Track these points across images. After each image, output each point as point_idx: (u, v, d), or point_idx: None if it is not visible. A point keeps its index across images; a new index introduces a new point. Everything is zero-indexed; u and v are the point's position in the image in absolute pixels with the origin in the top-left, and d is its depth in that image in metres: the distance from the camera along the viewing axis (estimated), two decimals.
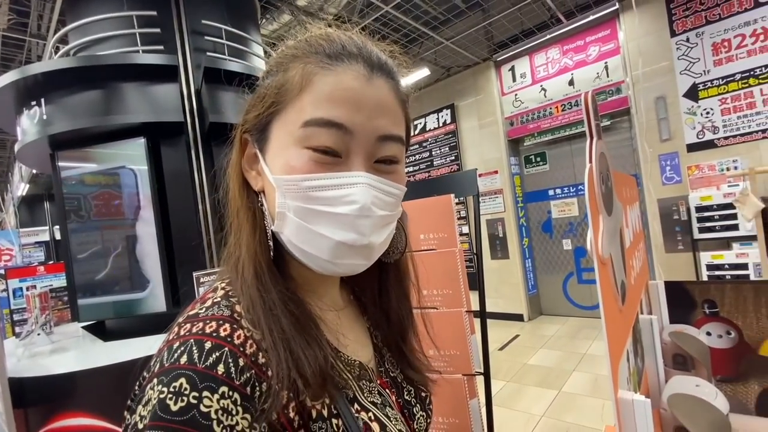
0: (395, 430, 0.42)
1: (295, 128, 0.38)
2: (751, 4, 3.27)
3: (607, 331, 0.44)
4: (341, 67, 0.39)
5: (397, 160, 0.42)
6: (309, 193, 0.38)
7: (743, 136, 3.35)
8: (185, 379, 0.31)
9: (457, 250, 1.18)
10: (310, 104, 0.38)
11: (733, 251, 3.15)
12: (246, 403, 0.32)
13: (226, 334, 0.34)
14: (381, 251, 0.43)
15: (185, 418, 0.30)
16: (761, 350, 0.85)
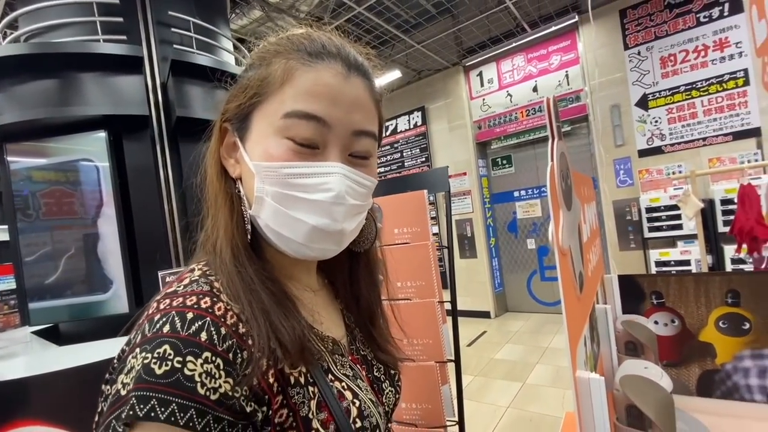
0: (366, 399, 0.44)
1: (275, 119, 0.40)
2: (693, 23, 3.56)
3: (567, 315, 0.48)
4: (321, 65, 0.41)
5: (369, 154, 0.45)
6: (287, 180, 0.40)
7: (686, 144, 3.65)
8: (169, 346, 0.32)
9: (429, 243, 1.23)
10: (291, 97, 0.40)
11: (678, 249, 3.42)
12: (228, 368, 0.33)
13: (207, 306, 0.36)
14: (351, 238, 0.46)
15: (170, 380, 0.31)
16: (701, 336, 0.94)
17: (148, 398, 0.30)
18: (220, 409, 0.32)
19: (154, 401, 0.30)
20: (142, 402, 0.30)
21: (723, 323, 0.91)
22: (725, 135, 3.48)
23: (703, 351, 0.93)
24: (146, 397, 0.30)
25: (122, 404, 0.31)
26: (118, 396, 0.32)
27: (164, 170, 1.45)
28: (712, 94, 3.51)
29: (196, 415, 0.31)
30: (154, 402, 0.30)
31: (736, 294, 0.89)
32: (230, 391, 0.33)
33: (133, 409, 0.30)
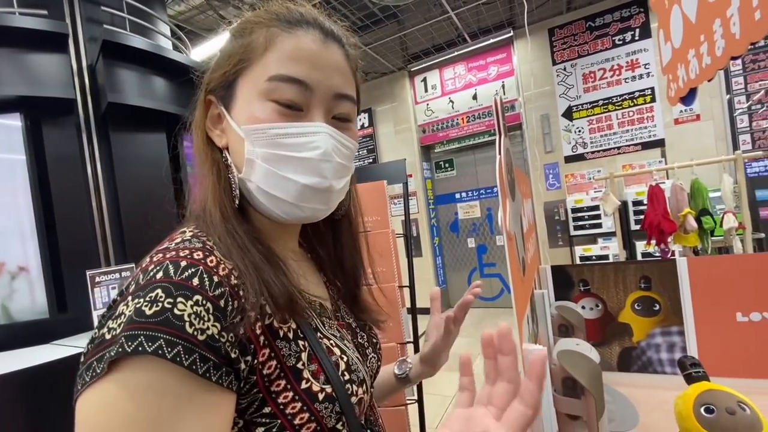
0: (354, 357, 0.46)
1: (260, 82, 0.42)
2: (610, 45, 4.01)
3: (514, 292, 0.53)
4: (300, 31, 0.43)
5: (350, 118, 0.47)
6: (276, 140, 0.42)
7: (604, 152, 4.09)
8: (161, 289, 0.32)
9: (389, 231, 1.26)
10: (274, 62, 0.42)
11: (598, 245, 3.82)
12: (217, 313, 0.33)
13: (200, 258, 0.36)
14: (338, 198, 0.48)
15: (159, 319, 0.31)
16: (620, 318, 1.05)
17: (135, 336, 0.30)
18: (207, 349, 0.32)
19: (141, 338, 0.30)
20: (130, 340, 0.30)
21: (638, 306, 1.01)
22: (636, 145, 3.95)
23: (622, 331, 1.03)
24: (134, 336, 0.30)
25: (107, 346, 0.31)
26: (103, 339, 0.32)
27: (92, 161, 1.31)
28: (625, 109, 3.97)
29: (183, 351, 0.30)
30: (141, 339, 0.30)
31: (648, 279, 1.00)
32: (217, 335, 0.33)
33: (121, 347, 0.30)
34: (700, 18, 0.90)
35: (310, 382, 0.39)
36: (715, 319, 0.91)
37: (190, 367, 0.30)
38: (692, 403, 0.59)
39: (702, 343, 0.93)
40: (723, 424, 0.54)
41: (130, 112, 1.31)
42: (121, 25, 1.47)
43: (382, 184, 1.34)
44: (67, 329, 1.20)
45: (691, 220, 2.40)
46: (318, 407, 0.39)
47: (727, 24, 0.73)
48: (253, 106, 0.42)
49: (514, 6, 3.86)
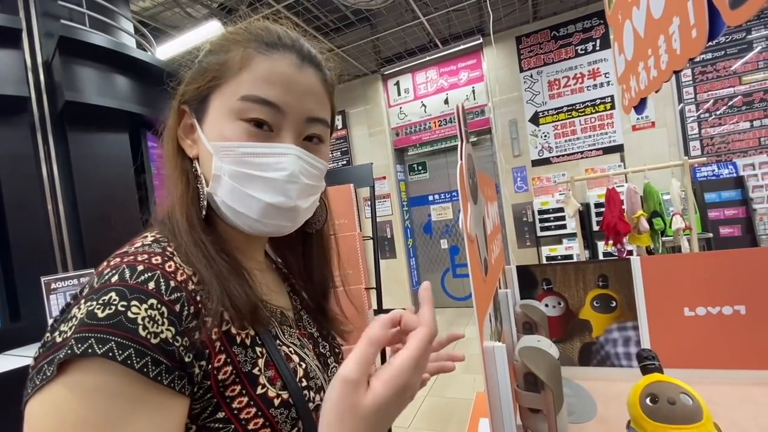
0: (313, 364, 0.46)
1: (232, 101, 0.42)
2: (573, 54, 4.20)
3: (475, 293, 0.55)
4: (277, 55, 0.43)
5: (322, 140, 0.48)
6: (244, 159, 0.42)
7: (568, 156, 4.27)
8: (115, 292, 0.32)
9: (357, 234, 1.28)
10: (247, 82, 0.42)
11: (563, 245, 3.98)
12: (172, 317, 0.34)
13: (158, 263, 0.36)
14: (306, 216, 0.49)
15: (111, 322, 0.30)
16: (580, 315, 1.09)
17: (86, 338, 0.30)
18: (160, 353, 0.32)
19: (92, 340, 0.30)
20: (80, 342, 0.30)
21: (596, 303, 1.06)
22: (597, 150, 4.15)
23: (582, 327, 1.07)
24: (84, 338, 0.30)
25: (58, 348, 0.30)
26: (53, 342, 0.31)
27: (47, 161, 1.24)
28: (588, 115, 4.17)
29: (135, 354, 0.30)
30: (92, 341, 0.30)
31: (605, 278, 1.05)
32: (171, 339, 0.33)
33: (71, 349, 0.30)
34: (648, 33, 0.97)
35: (266, 388, 0.39)
36: (666, 314, 0.97)
37: (141, 369, 0.30)
38: (639, 393, 0.64)
39: (654, 336, 0.98)
40: (663, 413, 0.58)
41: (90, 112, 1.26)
42: (80, 20, 1.40)
43: (349, 187, 1.36)
44: (20, 339, 1.13)
45: (644, 221, 2.56)
46: (273, 413, 0.39)
47: (669, 40, 0.80)
48: (223, 124, 0.42)
49: (484, 14, 3.97)
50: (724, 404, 0.81)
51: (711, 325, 0.92)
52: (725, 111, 3.72)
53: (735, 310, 0.90)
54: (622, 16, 1.18)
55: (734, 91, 3.68)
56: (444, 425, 2.44)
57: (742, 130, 3.67)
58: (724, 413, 0.72)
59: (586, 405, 0.95)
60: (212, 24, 3.36)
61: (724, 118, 3.73)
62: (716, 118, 3.75)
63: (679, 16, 0.73)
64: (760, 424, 0.53)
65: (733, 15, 0.53)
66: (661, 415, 0.58)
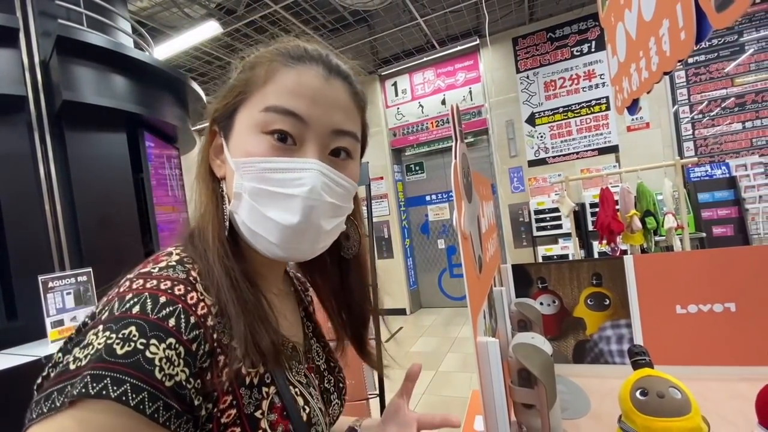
0: (316, 408, 0.46)
1: (256, 113, 0.41)
2: (569, 56, 4.23)
3: (469, 290, 0.56)
4: (302, 67, 0.42)
5: (350, 155, 0.46)
6: (264, 175, 0.40)
7: (564, 156, 4.30)
8: (135, 327, 0.32)
9: None
10: (272, 93, 0.41)
11: (559, 245, 4.00)
12: (188, 358, 0.33)
13: (180, 294, 0.35)
14: (328, 240, 0.46)
15: (129, 361, 0.30)
16: (575, 313, 1.10)
17: (102, 377, 0.29)
18: (173, 397, 0.32)
19: (107, 380, 0.29)
20: (96, 380, 0.29)
21: (590, 301, 1.07)
22: (593, 150, 4.18)
23: (576, 325, 1.09)
24: (100, 376, 0.29)
25: (70, 378, 0.30)
26: (67, 368, 0.31)
27: (44, 160, 1.24)
28: (583, 116, 4.20)
29: (148, 398, 0.30)
30: (107, 381, 0.29)
31: (599, 276, 1.06)
32: (184, 381, 0.33)
33: (85, 387, 0.29)
34: (639, 35, 0.98)
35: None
36: (658, 311, 0.98)
37: (152, 415, 0.30)
38: (630, 387, 0.65)
39: (647, 334, 0.99)
40: (652, 406, 0.60)
41: (87, 111, 1.26)
42: (78, 20, 1.40)
43: None
44: (17, 338, 1.13)
45: (636, 220, 2.59)
46: None
47: (660, 42, 0.81)
48: (247, 139, 0.41)
49: (480, 15, 3.99)
50: (714, 399, 0.82)
51: (702, 323, 0.94)
52: (718, 112, 3.76)
53: (725, 307, 0.91)
54: (615, 18, 1.20)
55: (727, 92, 3.72)
56: None
57: (735, 131, 3.71)
58: (713, 408, 0.74)
59: (579, 401, 0.96)
60: (210, 24, 3.36)
61: (717, 120, 3.77)
62: (709, 120, 3.79)
63: (669, 19, 0.75)
64: (747, 418, 0.55)
65: (719, 18, 0.55)
66: (651, 409, 0.60)
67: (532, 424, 0.76)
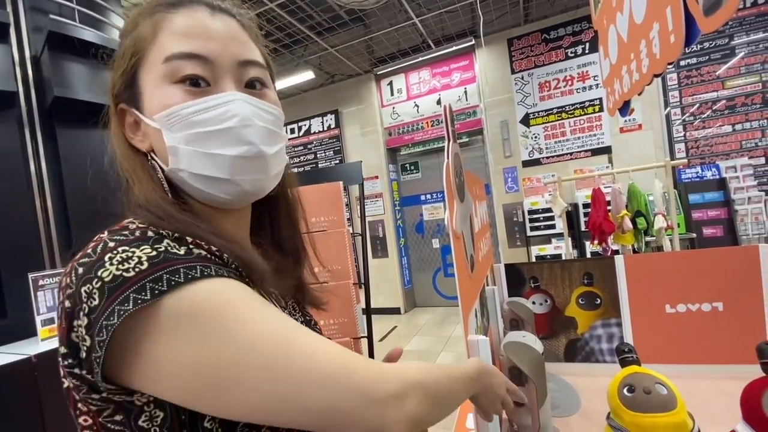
0: None
1: (158, 66, 0.40)
2: (563, 57, 4.26)
3: (460, 288, 0.57)
4: (186, 10, 0.42)
5: (264, 83, 0.46)
6: (192, 119, 0.40)
7: (558, 157, 4.33)
8: (169, 240, 0.35)
9: (345, 230, 1.30)
10: (166, 42, 0.40)
11: (552, 245, 4.03)
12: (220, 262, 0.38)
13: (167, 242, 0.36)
14: (276, 166, 0.46)
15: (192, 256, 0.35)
16: (566, 312, 1.11)
17: (190, 267, 0.33)
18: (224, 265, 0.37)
19: (198, 267, 0.33)
20: (189, 270, 0.32)
21: (582, 300, 1.08)
22: (586, 151, 4.22)
23: (568, 324, 1.10)
24: (189, 266, 0.33)
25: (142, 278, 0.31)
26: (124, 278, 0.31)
27: (35, 156, 1.23)
28: (577, 117, 4.23)
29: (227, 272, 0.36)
30: (198, 267, 0.33)
31: (591, 276, 1.07)
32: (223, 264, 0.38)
33: (185, 275, 0.32)
34: (631, 38, 1.00)
35: None
36: (648, 311, 0.99)
37: (220, 274, 0.34)
38: (618, 384, 0.66)
39: (637, 333, 1.01)
40: (638, 402, 0.61)
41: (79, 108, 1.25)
42: (70, 15, 1.39)
43: (338, 185, 1.39)
44: (6, 336, 1.12)
45: (627, 221, 2.62)
46: None
47: (650, 45, 0.82)
48: (159, 94, 0.40)
49: (476, 15, 4.01)
50: (702, 397, 0.84)
51: (690, 322, 0.95)
52: (709, 115, 3.81)
53: (713, 306, 0.93)
54: (607, 20, 1.21)
55: (718, 95, 3.76)
56: None
57: (725, 134, 3.76)
58: (700, 405, 0.75)
59: (570, 399, 0.97)
60: None
61: (707, 122, 3.81)
62: (700, 122, 3.84)
63: (659, 22, 0.76)
64: (732, 414, 0.56)
65: (707, 22, 0.56)
66: (637, 405, 0.61)
67: (523, 422, 0.77)
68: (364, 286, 1.45)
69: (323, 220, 1.35)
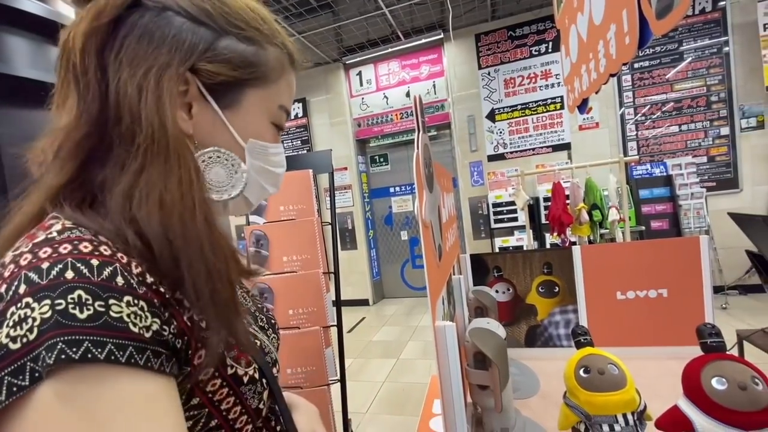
0: (264, 338, 0.49)
1: (272, 106, 0.46)
2: (528, 55, 4.38)
3: (428, 276, 0.58)
4: (293, 73, 0.49)
5: None
6: (268, 157, 0.48)
7: (521, 152, 4.48)
8: (83, 291, 0.28)
9: (314, 219, 1.28)
10: (284, 93, 0.48)
11: (515, 237, 4.19)
12: (153, 309, 0.31)
13: (110, 254, 0.31)
14: None
15: (97, 323, 0.27)
16: (527, 300, 1.16)
17: (79, 341, 0.26)
18: (157, 344, 0.30)
19: (87, 343, 0.26)
20: (74, 345, 0.26)
21: (541, 288, 1.13)
22: (547, 147, 4.39)
23: (528, 311, 1.15)
24: (77, 341, 0.26)
25: (18, 358, 0.26)
26: (7, 350, 0.26)
27: None
28: (539, 114, 4.38)
29: (135, 351, 0.28)
30: (87, 344, 0.26)
31: (550, 265, 1.12)
32: (160, 329, 0.31)
33: (62, 352, 0.25)
34: (590, 38, 1.04)
35: (234, 367, 0.39)
36: (601, 297, 1.05)
37: (146, 365, 0.29)
38: (574, 366, 0.70)
39: (591, 318, 1.07)
40: (593, 382, 0.65)
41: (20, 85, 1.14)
42: None
43: (307, 173, 1.35)
44: None
45: (584, 213, 2.77)
46: (243, 390, 0.40)
47: (607, 45, 0.87)
48: (262, 125, 0.46)
49: (445, 9, 4.04)
50: (648, 376, 0.90)
51: (639, 307, 1.02)
52: (659, 115, 4.07)
53: (659, 293, 1.00)
54: (569, 20, 1.26)
55: (667, 97, 4.02)
56: (401, 408, 2.51)
57: (672, 133, 4.04)
58: (647, 383, 0.81)
59: (530, 382, 1.02)
60: None
61: (657, 122, 4.08)
62: (651, 122, 4.10)
63: (616, 24, 0.80)
64: (675, 391, 0.61)
65: (659, 25, 0.59)
66: (592, 385, 0.65)
67: (486, 404, 0.80)
68: (334, 275, 1.44)
69: (292, 208, 1.32)
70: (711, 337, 0.60)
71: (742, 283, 3.76)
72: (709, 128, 3.92)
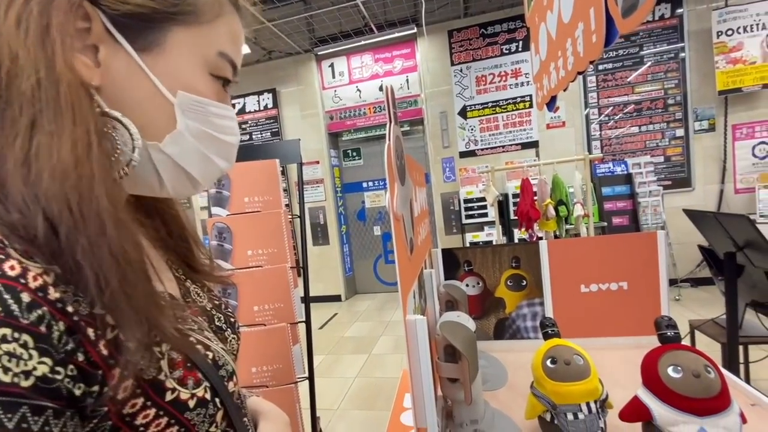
0: (218, 348, 0.43)
1: (209, 52, 0.38)
2: (499, 53, 4.46)
3: (399, 269, 0.57)
4: (238, 13, 0.41)
5: None
6: (210, 119, 0.38)
7: (492, 149, 4.57)
8: None
9: (281, 211, 1.23)
10: (224, 37, 0.39)
11: (485, 232, 4.28)
12: (42, 344, 0.25)
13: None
14: None
15: None
16: (496, 293, 1.18)
17: None
18: (40, 396, 0.24)
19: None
20: None
21: (510, 282, 1.15)
22: (516, 145, 4.50)
23: (497, 305, 1.17)
24: None
25: None
26: None
27: None
28: (509, 112, 4.48)
29: (3, 410, 0.23)
30: None
31: (518, 260, 1.14)
32: (49, 373, 0.25)
33: None
34: (559, 36, 1.06)
35: (176, 392, 0.34)
36: (566, 290, 1.08)
37: (19, 427, 0.23)
38: (542, 356, 0.72)
39: (557, 310, 1.10)
40: (559, 372, 0.66)
41: None
42: None
43: (274, 162, 1.29)
44: None
45: (551, 208, 2.87)
46: (189, 416, 0.35)
47: (575, 43, 0.88)
48: (196, 75, 0.37)
49: (418, 3, 4.03)
50: (609, 365, 0.94)
51: (601, 300, 1.06)
52: (621, 116, 4.26)
53: (620, 286, 1.04)
54: (539, 18, 1.28)
55: (628, 99, 4.22)
56: (372, 403, 2.52)
57: (633, 134, 4.24)
58: (608, 373, 0.84)
59: (498, 374, 1.04)
60: None
61: (619, 122, 4.27)
62: (613, 122, 4.28)
63: (584, 22, 0.81)
64: (634, 380, 0.64)
65: (624, 23, 0.60)
66: (558, 375, 0.66)
67: (456, 397, 0.80)
68: (303, 271, 1.40)
69: (257, 200, 1.26)
70: (668, 329, 0.63)
71: (694, 276, 4.02)
72: (665, 129, 4.14)
